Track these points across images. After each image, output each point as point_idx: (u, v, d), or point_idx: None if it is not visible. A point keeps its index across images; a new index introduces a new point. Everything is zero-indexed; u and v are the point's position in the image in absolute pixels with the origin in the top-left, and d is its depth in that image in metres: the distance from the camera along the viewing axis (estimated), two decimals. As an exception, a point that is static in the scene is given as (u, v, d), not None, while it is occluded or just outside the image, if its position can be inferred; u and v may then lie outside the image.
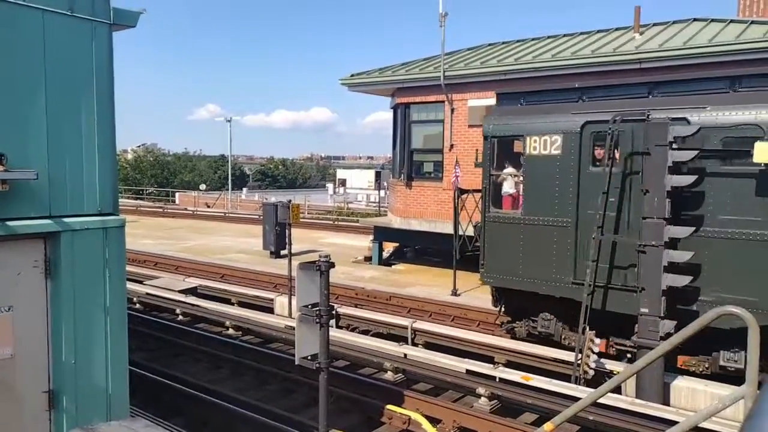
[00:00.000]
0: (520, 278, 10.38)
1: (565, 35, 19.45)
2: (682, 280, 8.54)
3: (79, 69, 5.17)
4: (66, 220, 5.13)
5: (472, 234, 12.21)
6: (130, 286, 13.18)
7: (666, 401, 8.50)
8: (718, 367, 8.74)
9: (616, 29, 18.52)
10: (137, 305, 14.14)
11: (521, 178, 10.57)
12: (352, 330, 12.18)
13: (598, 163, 9.67)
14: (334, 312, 6.10)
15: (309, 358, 6.02)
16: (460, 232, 13.30)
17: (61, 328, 5.18)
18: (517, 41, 20.42)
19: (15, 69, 4.79)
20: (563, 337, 10.26)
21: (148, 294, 14.61)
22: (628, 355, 9.56)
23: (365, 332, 12.03)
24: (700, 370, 8.95)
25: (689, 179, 8.50)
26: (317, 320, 5.91)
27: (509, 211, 10.91)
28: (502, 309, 11.29)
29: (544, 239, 10.08)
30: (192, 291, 14.85)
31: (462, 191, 13.46)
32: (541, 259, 10.11)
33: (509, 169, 11.17)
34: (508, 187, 11.33)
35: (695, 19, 17.31)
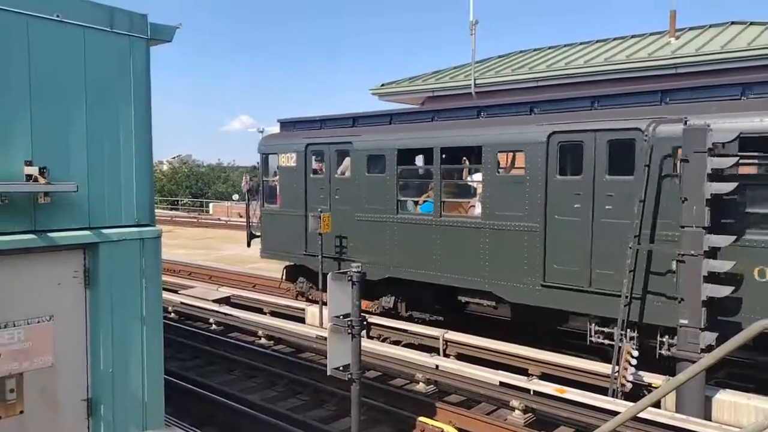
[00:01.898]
0: (282, 252, 14.48)
1: (598, 41, 19.23)
2: (723, 291, 8.27)
3: (118, 84, 5.30)
4: (104, 231, 5.24)
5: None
6: (165, 295, 13.40)
7: (708, 416, 8.23)
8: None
9: (651, 34, 18.22)
10: (172, 314, 14.36)
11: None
12: (383, 340, 12.14)
13: (316, 172, 13.58)
14: (365, 322, 6.09)
15: (341, 368, 6.01)
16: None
17: (99, 337, 5.28)
18: (549, 48, 20.26)
19: (58, 85, 4.94)
20: (309, 295, 14.46)
21: (182, 303, 14.84)
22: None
23: (396, 342, 11.98)
24: None
25: (730, 186, 8.26)
26: (349, 331, 5.90)
27: (273, 206, 14.61)
28: (283, 276, 15.21)
29: (291, 224, 13.85)
30: (225, 300, 15.02)
31: (250, 193, 15.94)
32: (290, 238, 13.88)
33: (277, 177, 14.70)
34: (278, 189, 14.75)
35: (733, 23, 16.91)
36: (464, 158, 12.56)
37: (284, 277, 15.26)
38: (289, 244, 13.92)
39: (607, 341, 9.65)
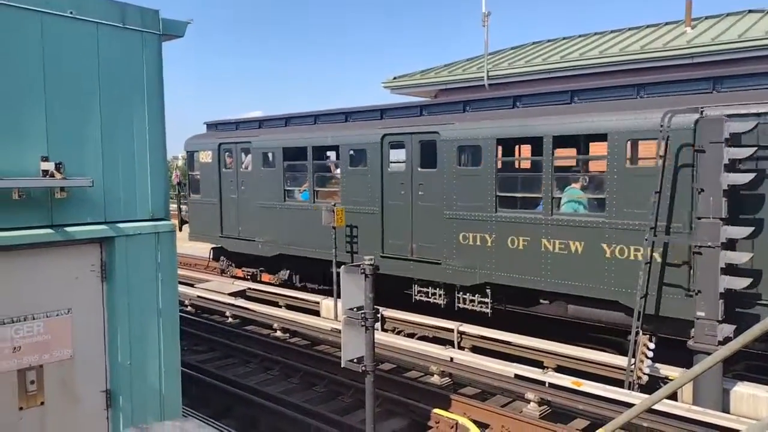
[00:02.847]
0: (205, 235, 16.66)
1: (613, 31, 19.00)
2: (741, 283, 8.18)
3: (131, 79, 5.35)
4: (120, 225, 5.31)
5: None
6: (181, 288, 13.55)
7: (725, 408, 8.15)
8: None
9: (666, 23, 17.96)
10: (188, 307, 14.51)
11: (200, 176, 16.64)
12: (398, 333, 12.17)
13: (229, 167, 15.73)
14: (379, 315, 6.11)
15: (355, 360, 6.04)
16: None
17: (116, 330, 5.36)
18: (563, 38, 20.07)
19: (72, 81, 5.00)
20: (228, 272, 16.93)
21: (199, 297, 14.98)
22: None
23: (411, 335, 12.00)
24: None
25: (747, 177, 8.15)
26: (363, 323, 5.92)
27: (196, 196, 16.95)
28: (210, 256, 17.43)
29: (210, 211, 16.20)
30: (241, 294, 15.14)
31: (180, 186, 17.86)
32: (209, 223, 16.28)
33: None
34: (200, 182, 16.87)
35: (750, 11, 16.62)
36: (328, 155, 14.65)
37: (211, 257, 17.58)
38: (209, 228, 16.42)
39: (427, 299, 12.22)
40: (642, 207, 9.04)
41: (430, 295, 12.14)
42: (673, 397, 7.96)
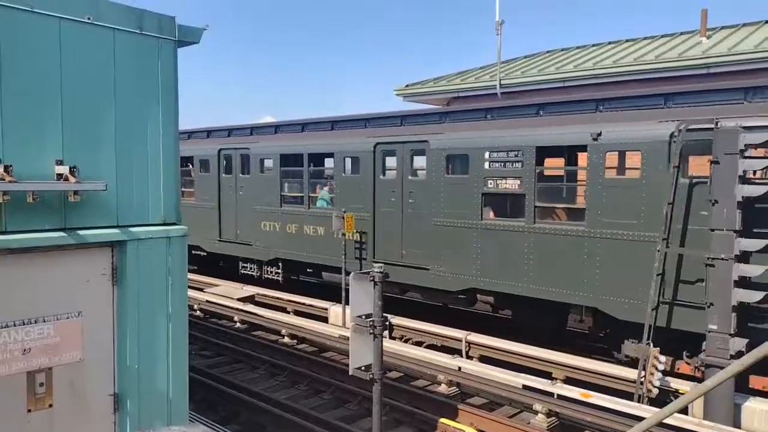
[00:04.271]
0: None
1: (627, 40, 18.93)
2: (754, 296, 8.08)
3: (146, 84, 5.39)
4: (132, 229, 5.34)
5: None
6: (190, 293, 13.59)
7: (737, 423, 8.04)
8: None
9: (682, 33, 17.87)
10: (198, 312, 14.56)
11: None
12: (405, 341, 12.13)
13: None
14: (387, 323, 6.09)
15: (363, 368, 6.03)
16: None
17: (126, 333, 5.38)
18: (577, 47, 20.02)
19: (88, 85, 5.05)
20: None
21: (208, 301, 15.03)
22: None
23: (418, 344, 11.96)
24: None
25: (762, 189, 8.06)
26: (371, 331, 5.91)
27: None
28: None
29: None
30: (249, 299, 15.17)
31: None
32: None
33: None
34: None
35: (767, 22, 16.49)
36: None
37: None
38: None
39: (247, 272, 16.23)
40: (357, 203, 12.97)
41: (249, 269, 16.26)
42: (683, 411, 7.87)
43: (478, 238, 11.24)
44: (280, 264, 15.50)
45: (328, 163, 14.54)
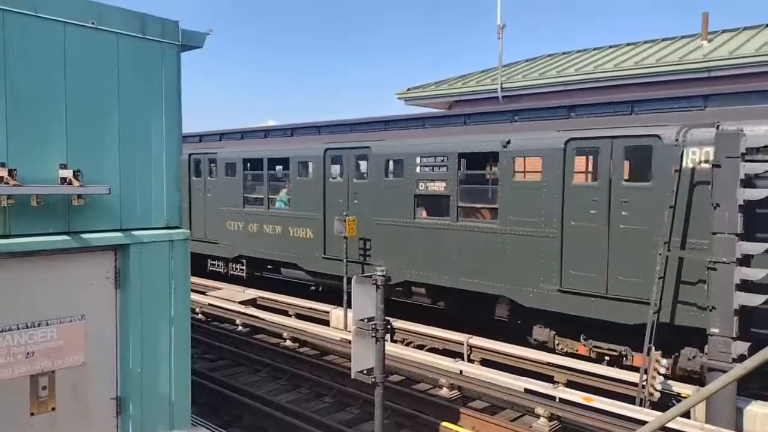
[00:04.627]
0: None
1: (628, 44, 18.96)
2: (756, 299, 8.08)
3: (150, 89, 5.42)
4: (135, 233, 5.36)
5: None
6: (192, 296, 13.59)
7: (739, 427, 8.03)
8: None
9: (683, 37, 17.90)
10: (200, 315, 14.56)
11: None
12: (407, 344, 12.13)
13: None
14: (389, 326, 6.09)
15: (365, 372, 6.03)
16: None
17: (128, 337, 5.39)
18: (578, 51, 20.05)
19: (92, 90, 5.07)
20: None
21: (210, 304, 15.03)
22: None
23: (420, 347, 11.96)
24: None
25: (764, 193, 8.07)
26: (373, 334, 5.92)
27: None
28: None
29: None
30: (251, 302, 15.18)
31: None
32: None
33: None
34: None
35: (768, 25, 16.53)
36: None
37: None
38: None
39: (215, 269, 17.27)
40: (308, 204, 14.26)
41: (216, 266, 17.10)
42: (685, 414, 7.85)
43: (412, 236, 12.28)
44: (244, 261, 16.44)
45: (286, 166, 15.54)
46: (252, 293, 15.89)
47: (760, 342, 7.70)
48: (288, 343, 12.49)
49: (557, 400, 8.80)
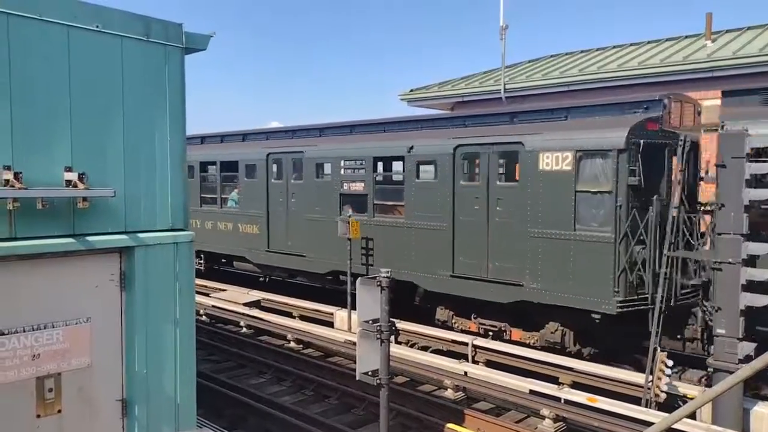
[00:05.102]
0: None
1: (632, 44, 18.91)
2: (762, 300, 8.05)
3: (154, 91, 5.43)
4: (140, 235, 5.36)
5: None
6: (197, 298, 13.59)
7: (746, 428, 8.00)
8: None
9: (687, 37, 17.85)
10: (204, 317, 14.59)
11: None
12: (411, 346, 12.12)
13: None
14: (394, 328, 6.09)
15: (370, 373, 6.03)
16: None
17: (134, 339, 5.40)
18: (581, 51, 20.02)
19: (97, 93, 5.09)
20: None
21: (214, 306, 15.06)
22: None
23: (424, 348, 11.95)
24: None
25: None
26: (378, 336, 5.92)
27: None
28: None
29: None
30: (255, 304, 15.19)
31: None
32: None
33: None
34: None
35: (773, 24, 16.47)
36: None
37: None
38: None
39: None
40: (256, 205, 15.62)
41: None
42: (691, 415, 7.83)
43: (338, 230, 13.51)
44: (202, 255, 17.80)
45: (236, 169, 16.66)
46: (256, 295, 15.91)
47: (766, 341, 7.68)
48: (292, 344, 12.50)
49: (562, 401, 8.79)
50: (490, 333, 11.60)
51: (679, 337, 9.88)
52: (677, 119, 10.17)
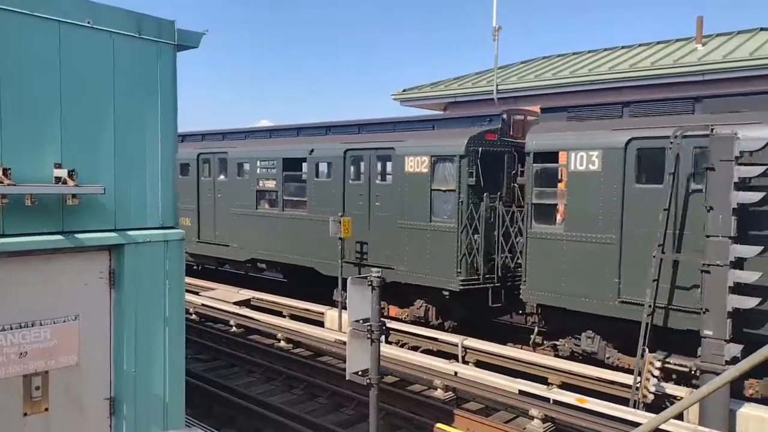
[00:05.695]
0: None
1: (624, 47, 19.01)
2: (750, 302, 8.12)
3: (145, 88, 5.39)
4: (130, 233, 5.33)
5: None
6: (187, 297, 13.54)
7: (732, 429, 8.07)
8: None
9: (677, 40, 17.96)
10: (193, 316, 14.52)
11: None
12: (402, 346, 12.13)
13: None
14: (384, 327, 6.10)
15: (360, 373, 6.03)
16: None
17: (123, 337, 5.36)
18: (573, 53, 20.10)
19: (86, 89, 5.05)
20: None
21: (203, 305, 14.99)
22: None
23: (414, 348, 11.96)
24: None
25: (757, 196, 8.12)
26: (368, 335, 5.92)
27: None
28: None
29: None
30: (246, 303, 15.14)
31: None
32: None
33: None
34: None
35: (762, 29, 16.61)
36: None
37: None
38: None
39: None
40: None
41: None
42: (679, 416, 7.88)
43: (255, 222, 15.74)
44: None
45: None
46: (246, 294, 15.86)
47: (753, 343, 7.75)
48: (282, 344, 12.47)
49: (551, 401, 8.83)
50: None
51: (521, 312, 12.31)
52: (518, 131, 12.24)
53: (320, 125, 15.51)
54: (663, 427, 7.16)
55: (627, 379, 9.19)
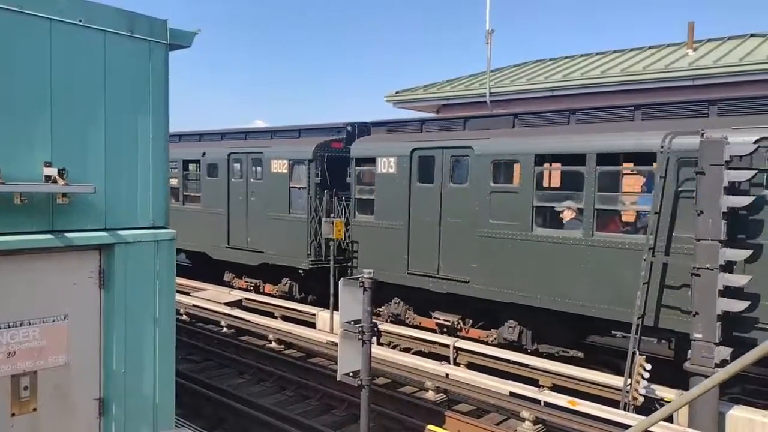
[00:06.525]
0: None
1: (615, 51, 19.12)
2: (739, 305, 8.18)
3: (137, 87, 5.37)
4: (120, 232, 5.30)
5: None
6: (177, 297, 13.45)
7: (721, 431, 8.13)
8: None
9: (669, 45, 18.10)
10: (184, 316, 14.45)
11: None
12: (393, 347, 12.12)
13: None
14: (376, 329, 6.09)
15: (351, 374, 6.02)
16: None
17: (112, 337, 5.33)
18: (566, 57, 20.19)
19: (78, 88, 5.02)
20: None
21: (194, 306, 14.92)
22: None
23: (406, 350, 11.96)
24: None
25: (747, 200, 8.18)
26: (360, 337, 5.91)
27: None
28: None
29: None
30: (237, 304, 15.08)
31: None
32: None
33: None
34: None
35: (752, 35, 16.77)
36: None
37: None
38: None
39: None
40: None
41: None
42: (668, 419, 7.92)
43: (177, 215, 15.35)
44: None
45: None
46: (238, 294, 15.81)
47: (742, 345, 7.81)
48: (274, 345, 12.44)
49: (542, 403, 8.85)
50: (251, 287, 16.65)
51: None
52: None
53: (214, 132, 18.16)
54: (653, 429, 7.20)
55: (618, 381, 9.23)
